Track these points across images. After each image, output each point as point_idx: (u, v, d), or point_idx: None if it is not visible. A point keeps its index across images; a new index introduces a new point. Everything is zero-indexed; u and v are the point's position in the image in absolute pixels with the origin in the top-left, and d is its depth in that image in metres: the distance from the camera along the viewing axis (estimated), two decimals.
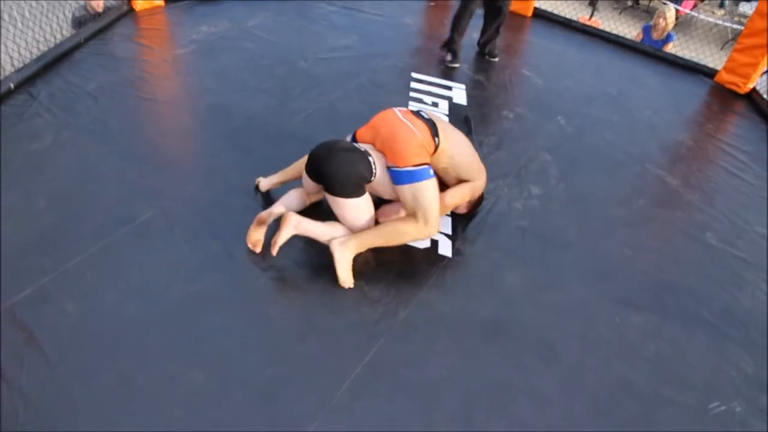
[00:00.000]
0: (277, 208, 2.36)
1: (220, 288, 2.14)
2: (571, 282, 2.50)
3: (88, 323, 1.93)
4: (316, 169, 2.27)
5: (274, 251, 2.19)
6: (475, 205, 2.67)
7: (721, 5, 8.96)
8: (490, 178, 2.70)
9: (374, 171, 2.26)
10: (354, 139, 2.45)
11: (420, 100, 3.57)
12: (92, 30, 3.52)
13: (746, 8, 8.27)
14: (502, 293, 2.38)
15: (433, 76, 3.88)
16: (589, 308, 2.39)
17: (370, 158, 2.27)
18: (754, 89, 4.69)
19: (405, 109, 2.49)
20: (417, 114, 2.43)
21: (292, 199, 2.45)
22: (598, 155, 3.46)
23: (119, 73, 3.24)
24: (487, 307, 2.29)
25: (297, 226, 2.21)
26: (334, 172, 2.19)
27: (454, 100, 3.67)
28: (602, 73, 4.60)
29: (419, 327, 2.15)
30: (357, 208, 2.26)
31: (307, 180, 2.37)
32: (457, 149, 2.44)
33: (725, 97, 4.63)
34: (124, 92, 3.08)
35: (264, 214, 2.30)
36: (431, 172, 2.29)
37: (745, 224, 3.10)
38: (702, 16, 7.52)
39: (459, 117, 3.52)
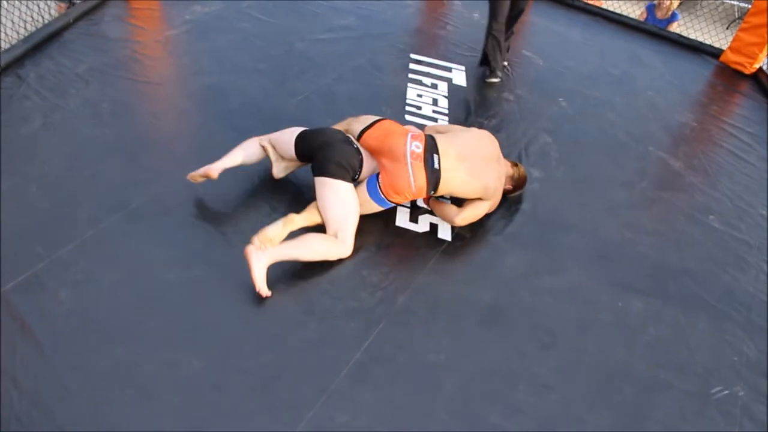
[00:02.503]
0: (230, 160, 2.38)
1: (217, 274, 2.11)
2: (571, 266, 2.47)
3: (82, 310, 1.91)
4: (307, 149, 2.31)
5: (264, 293, 2.03)
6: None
7: None
8: None
9: (359, 172, 2.33)
10: (359, 136, 2.43)
11: (419, 82, 3.52)
12: (81, 10, 3.42)
13: None
14: (501, 278, 2.36)
15: (432, 57, 3.81)
16: (589, 292, 2.37)
17: (361, 156, 2.33)
18: (760, 69, 4.61)
19: (419, 146, 2.33)
20: (427, 158, 2.31)
21: (250, 147, 2.45)
22: (599, 137, 3.41)
23: (110, 54, 3.16)
24: (486, 292, 2.27)
25: (270, 257, 2.05)
26: (331, 155, 2.23)
27: (454, 82, 3.61)
28: (605, 53, 4.52)
29: (418, 312, 2.13)
30: (342, 192, 2.23)
31: (289, 150, 2.38)
32: (458, 190, 2.39)
33: (730, 78, 4.56)
34: (116, 74, 3.02)
35: (215, 167, 2.33)
36: (390, 205, 2.39)
37: (748, 207, 3.07)
38: None
39: (459, 99, 3.47)
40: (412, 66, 3.68)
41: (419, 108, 3.27)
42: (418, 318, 2.11)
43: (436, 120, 3.20)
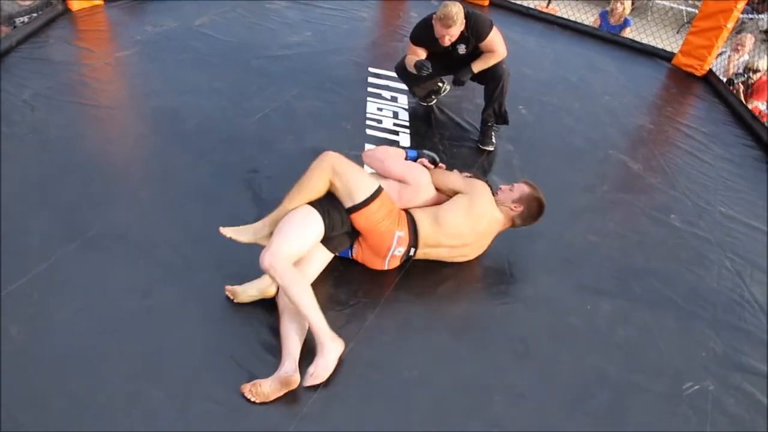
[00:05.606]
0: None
1: (179, 300, 2.04)
2: (538, 273, 2.48)
3: (35, 346, 1.81)
4: None
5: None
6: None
7: None
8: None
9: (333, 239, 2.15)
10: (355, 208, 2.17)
11: (379, 95, 3.51)
12: (24, 33, 3.29)
13: None
14: (470, 289, 2.35)
15: (390, 70, 3.80)
16: (558, 298, 2.38)
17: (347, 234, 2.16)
18: (710, 71, 4.78)
19: (400, 251, 2.20)
20: (404, 256, 2.23)
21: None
22: (559, 143, 3.46)
23: (57, 78, 3.05)
24: (456, 305, 2.26)
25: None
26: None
27: None
28: (561, 60, 4.61)
29: (388, 328, 2.09)
30: (305, 217, 2.06)
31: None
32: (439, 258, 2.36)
33: (683, 80, 4.71)
34: (64, 99, 2.91)
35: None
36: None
37: (706, 205, 3.14)
38: (658, 0, 7.64)
39: (419, 111, 3.47)
40: (371, 80, 3.67)
41: (380, 122, 3.26)
42: (388, 334, 2.08)
43: (397, 133, 3.19)
